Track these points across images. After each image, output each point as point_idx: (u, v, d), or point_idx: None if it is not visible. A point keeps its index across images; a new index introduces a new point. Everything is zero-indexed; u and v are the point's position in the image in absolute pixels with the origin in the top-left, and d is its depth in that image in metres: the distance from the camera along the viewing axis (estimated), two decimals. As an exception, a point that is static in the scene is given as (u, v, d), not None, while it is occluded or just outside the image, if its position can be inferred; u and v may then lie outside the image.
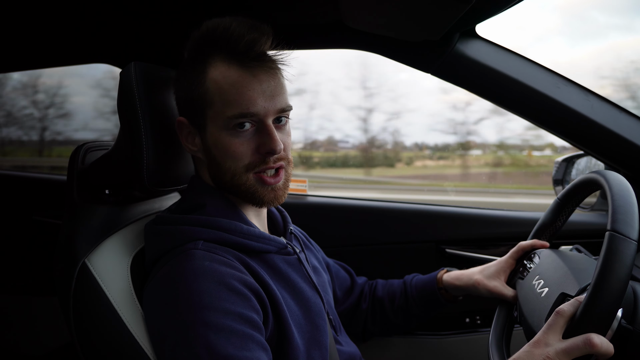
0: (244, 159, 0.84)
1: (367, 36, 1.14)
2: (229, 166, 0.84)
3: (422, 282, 1.17)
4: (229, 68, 0.83)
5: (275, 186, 0.86)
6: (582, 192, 1.00)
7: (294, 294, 0.88)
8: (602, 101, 1.11)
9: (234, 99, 0.82)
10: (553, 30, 3.53)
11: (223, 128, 0.83)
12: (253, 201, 0.87)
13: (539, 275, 0.93)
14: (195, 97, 0.85)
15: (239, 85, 0.82)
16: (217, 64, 0.84)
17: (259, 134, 0.84)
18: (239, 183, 0.85)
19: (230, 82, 0.82)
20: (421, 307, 1.16)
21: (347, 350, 0.99)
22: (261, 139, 0.83)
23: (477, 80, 1.11)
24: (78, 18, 1.21)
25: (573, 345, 0.68)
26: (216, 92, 0.83)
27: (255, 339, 0.73)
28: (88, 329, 0.80)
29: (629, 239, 0.70)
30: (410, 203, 1.56)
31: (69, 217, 0.89)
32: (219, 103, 0.83)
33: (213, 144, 0.85)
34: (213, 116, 0.84)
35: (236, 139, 0.83)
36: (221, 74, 0.83)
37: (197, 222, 0.83)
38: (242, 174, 0.84)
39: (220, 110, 0.83)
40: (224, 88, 0.82)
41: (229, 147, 0.83)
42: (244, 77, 0.83)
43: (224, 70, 0.83)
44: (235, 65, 0.83)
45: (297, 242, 0.99)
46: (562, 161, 1.48)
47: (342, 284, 1.20)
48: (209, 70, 0.84)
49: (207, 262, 0.76)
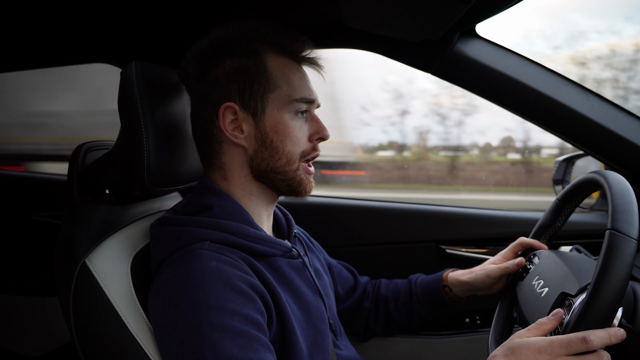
0: (302, 144, 0.89)
1: (367, 36, 1.14)
2: (288, 150, 0.88)
3: (427, 281, 1.18)
4: (287, 60, 0.91)
5: (311, 177, 0.93)
6: (582, 192, 1.00)
7: (297, 298, 0.88)
8: (602, 101, 1.11)
9: (299, 84, 0.89)
10: (534, 32, 3.56)
11: (287, 111, 0.88)
12: (297, 190, 0.91)
13: (538, 276, 0.93)
14: (255, 81, 0.87)
15: (301, 75, 0.92)
16: (273, 55, 0.89)
17: (309, 122, 0.92)
18: (291, 169, 0.89)
19: (293, 71, 0.90)
20: (425, 306, 1.16)
21: (346, 355, 1.00)
22: (313, 127, 0.91)
23: (477, 80, 1.11)
24: (78, 17, 1.21)
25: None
26: (282, 77, 0.88)
27: (261, 341, 0.73)
28: (88, 329, 0.80)
29: (629, 238, 0.70)
30: (410, 203, 1.56)
31: (69, 217, 0.89)
32: (285, 87, 0.88)
33: (272, 127, 0.87)
34: (276, 99, 0.87)
35: (296, 124, 0.89)
36: (283, 64, 0.89)
37: (204, 223, 0.83)
38: (296, 160, 0.89)
39: (286, 93, 0.88)
40: (289, 75, 0.89)
41: (292, 131, 0.88)
42: (297, 68, 0.92)
43: (284, 61, 0.90)
44: (290, 59, 0.92)
45: (301, 245, 1.00)
46: (562, 161, 1.49)
47: (344, 284, 1.20)
48: (267, 59, 0.88)
49: (213, 263, 0.76)
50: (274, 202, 0.95)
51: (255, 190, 0.91)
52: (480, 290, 1.11)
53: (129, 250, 0.88)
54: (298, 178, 0.89)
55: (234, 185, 0.90)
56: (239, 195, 0.90)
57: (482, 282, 1.09)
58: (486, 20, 1.04)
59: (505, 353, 0.72)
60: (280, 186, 0.90)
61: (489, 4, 0.95)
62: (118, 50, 1.37)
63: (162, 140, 0.89)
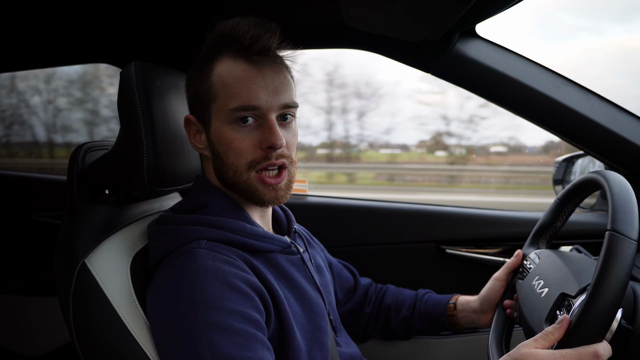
0: (247, 155, 0.83)
1: (367, 36, 1.14)
2: (232, 162, 0.84)
3: (433, 300, 1.16)
4: (234, 63, 0.84)
5: (277, 186, 0.86)
6: (582, 192, 1.00)
7: (297, 294, 0.87)
8: (602, 101, 1.11)
9: (237, 92, 0.82)
10: (524, 32, 3.57)
11: (226, 122, 0.84)
12: (254, 200, 0.87)
13: (538, 276, 0.93)
14: (202, 92, 0.86)
15: (242, 79, 0.83)
16: (224, 59, 0.85)
17: (261, 129, 0.84)
18: (240, 181, 0.85)
19: (234, 76, 0.83)
20: (424, 325, 1.15)
21: (346, 351, 0.99)
22: (263, 135, 0.83)
23: (477, 80, 1.11)
24: (78, 18, 1.21)
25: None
26: (220, 86, 0.84)
27: (258, 339, 0.73)
28: (88, 329, 0.80)
29: (629, 239, 0.70)
30: (410, 203, 1.56)
31: (69, 217, 0.89)
32: (222, 97, 0.83)
33: (216, 139, 0.85)
34: (216, 110, 0.84)
35: (238, 134, 0.83)
36: (226, 69, 0.84)
37: (200, 221, 0.83)
38: (244, 171, 0.84)
39: (223, 103, 0.83)
40: (228, 82, 0.83)
41: (232, 142, 0.83)
42: (248, 72, 0.83)
43: (230, 65, 0.84)
44: (241, 60, 0.84)
45: (301, 241, 0.99)
46: (562, 161, 1.48)
47: (343, 285, 1.19)
48: (216, 66, 0.85)
49: (210, 261, 0.76)
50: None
51: (232, 194, 0.90)
52: (490, 301, 1.08)
53: (129, 250, 0.89)
54: (252, 188, 0.85)
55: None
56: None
57: (490, 289, 1.07)
58: (486, 20, 1.04)
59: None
60: (240, 194, 0.88)
61: (489, 4, 0.95)
62: (118, 50, 1.37)
63: (161, 141, 0.89)
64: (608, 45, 3.47)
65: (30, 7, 1.16)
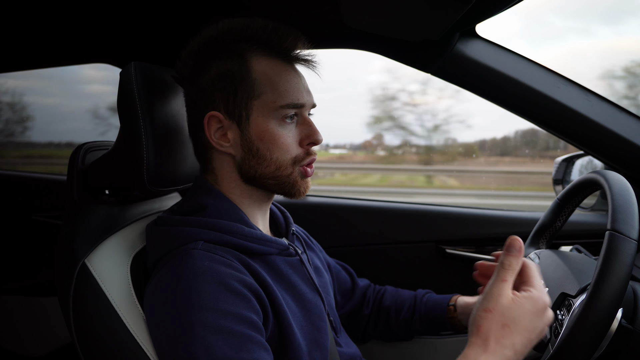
0: (291, 150, 0.86)
1: (367, 36, 1.14)
2: (277, 158, 0.86)
3: (433, 300, 1.16)
4: (274, 61, 0.86)
5: (308, 178, 0.90)
6: (582, 192, 1.00)
7: (295, 296, 0.87)
8: (602, 101, 1.11)
9: (285, 89, 0.85)
10: (514, 33, 3.61)
11: (272, 118, 0.85)
12: (291, 193, 0.89)
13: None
14: (238, 88, 0.85)
15: (289, 78, 0.86)
16: (259, 58, 0.86)
17: (299, 126, 0.88)
18: (284, 175, 0.87)
19: (279, 74, 0.86)
20: (425, 326, 1.15)
21: (347, 352, 0.99)
22: (304, 131, 0.87)
23: (477, 80, 1.11)
24: (78, 18, 1.21)
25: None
26: (266, 82, 0.85)
27: (255, 340, 0.73)
28: (88, 329, 0.80)
29: (629, 239, 0.70)
30: (410, 203, 1.56)
31: (68, 217, 0.89)
32: (270, 93, 0.85)
33: (258, 135, 0.85)
34: (261, 106, 0.85)
35: (284, 130, 0.86)
36: (268, 67, 0.86)
37: (198, 223, 0.83)
38: (288, 166, 0.87)
39: (270, 100, 0.84)
40: (274, 79, 0.85)
41: (279, 138, 0.85)
42: (289, 71, 0.87)
43: (270, 63, 0.86)
44: (279, 60, 0.87)
45: (300, 243, 0.99)
46: (562, 161, 1.49)
47: (341, 286, 1.19)
48: (252, 63, 0.86)
49: (206, 262, 0.76)
50: (268, 201, 0.95)
51: (247, 192, 0.90)
52: None
53: (129, 250, 0.88)
54: (292, 181, 0.88)
55: (226, 188, 0.90)
56: (233, 197, 0.90)
57: None
58: (486, 20, 1.04)
59: (504, 322, 0.68)
60: (273, 188, 0.89)
61: (489, 4, 0.95)
62: (118, 50, 1.37)
63: (161, 141, 0.89)
64: (596, 47, 3.50)
65: (30, 7, 1.16)
